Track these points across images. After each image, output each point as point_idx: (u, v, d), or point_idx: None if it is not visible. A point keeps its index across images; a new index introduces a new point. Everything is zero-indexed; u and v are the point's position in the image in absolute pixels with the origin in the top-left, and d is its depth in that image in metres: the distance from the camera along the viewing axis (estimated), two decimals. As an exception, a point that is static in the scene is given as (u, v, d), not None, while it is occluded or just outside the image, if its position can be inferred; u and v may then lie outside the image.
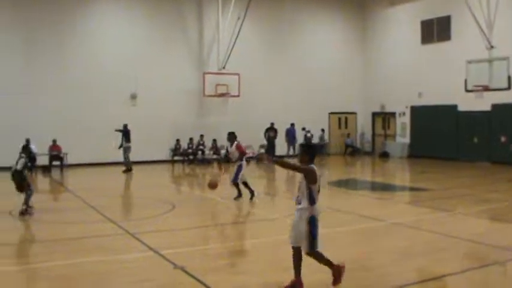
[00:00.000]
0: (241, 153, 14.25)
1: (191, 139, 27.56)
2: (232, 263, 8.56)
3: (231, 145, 14.67)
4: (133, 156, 23.59)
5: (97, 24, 26.14)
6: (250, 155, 14.18)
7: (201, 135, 27.80)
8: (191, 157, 27.38)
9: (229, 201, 14.65)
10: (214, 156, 27.96)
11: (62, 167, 23.94)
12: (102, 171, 23.49)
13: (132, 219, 12.16)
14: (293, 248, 6.69)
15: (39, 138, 22.87)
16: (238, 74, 28.00)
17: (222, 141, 28.02)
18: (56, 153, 24.01)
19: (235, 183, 14.27)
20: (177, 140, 27.28)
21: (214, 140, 27.89)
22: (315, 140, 30.29)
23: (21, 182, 12.65)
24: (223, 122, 27.94)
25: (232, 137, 14.64)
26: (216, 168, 25.60)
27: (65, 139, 24.11)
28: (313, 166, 6.74)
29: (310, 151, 6.95)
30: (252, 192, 14.32)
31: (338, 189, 18.33)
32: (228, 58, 27.91)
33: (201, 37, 28.89)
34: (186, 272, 7.73)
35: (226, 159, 14.08)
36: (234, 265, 8.39)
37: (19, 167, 12.66)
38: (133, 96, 26.67)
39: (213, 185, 13.91)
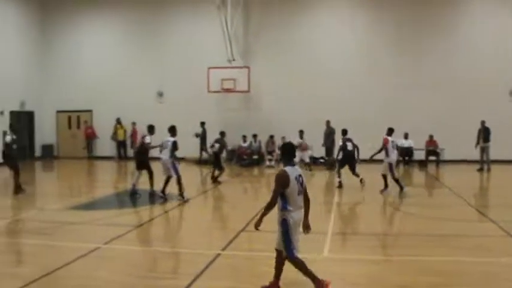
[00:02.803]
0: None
1: None
2: None
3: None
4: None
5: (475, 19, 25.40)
6: None
7: None
8: None
9: None
10: None
11: (438, 162, 23.96)
12: (472, 168, 22.60)
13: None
14: (276, 250, 6.82)
15: (417, 133, 23.52)
16: None
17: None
18: (432, 148, 24.20)
19: (393, 178, 15.44)
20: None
21: None
22: None
23: None
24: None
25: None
26: None
27: (442, 135, 24.13)
28: (285, 169, 6.53)
29: (284, 151, 6.74)
30: (386, 186, 15.61)
31: None
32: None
33: None
34: None
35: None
36: None
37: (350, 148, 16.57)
38: (512, 93, 24.98)
39: None
